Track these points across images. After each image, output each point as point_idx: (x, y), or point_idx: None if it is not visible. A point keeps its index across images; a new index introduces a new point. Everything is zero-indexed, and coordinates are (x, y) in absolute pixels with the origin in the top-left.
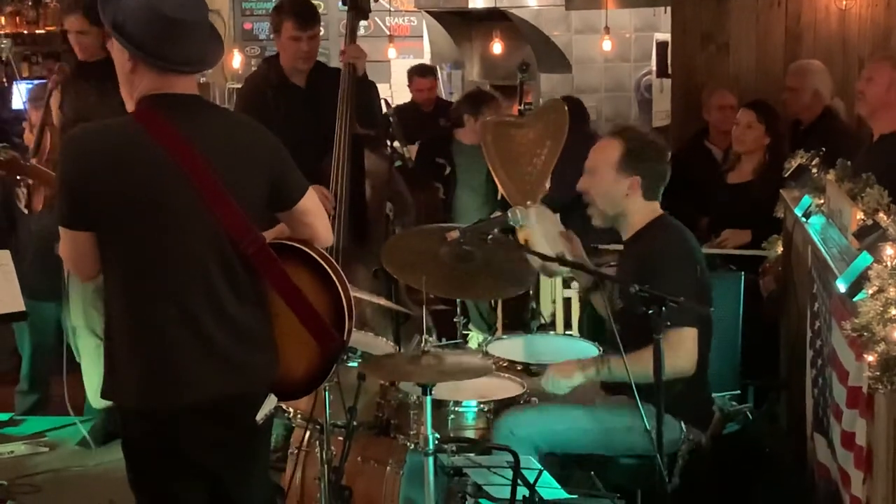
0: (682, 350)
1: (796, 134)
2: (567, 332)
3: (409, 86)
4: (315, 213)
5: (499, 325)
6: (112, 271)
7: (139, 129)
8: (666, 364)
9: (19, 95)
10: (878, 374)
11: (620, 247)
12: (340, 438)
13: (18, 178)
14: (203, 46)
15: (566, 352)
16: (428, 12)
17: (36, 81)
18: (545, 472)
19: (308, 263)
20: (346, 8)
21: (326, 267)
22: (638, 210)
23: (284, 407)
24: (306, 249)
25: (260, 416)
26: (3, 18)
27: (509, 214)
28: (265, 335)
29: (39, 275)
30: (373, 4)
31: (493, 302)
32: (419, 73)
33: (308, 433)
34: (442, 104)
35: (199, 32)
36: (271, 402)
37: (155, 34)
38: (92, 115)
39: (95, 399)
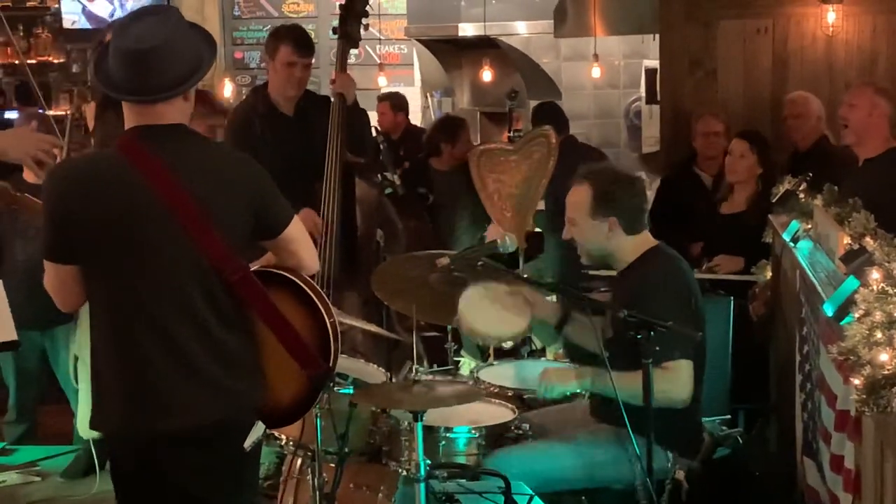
0: (677, 381)
1: (794, 160)
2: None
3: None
4: (300, 241)
5: (490, 350)
6: (96, 301)
7: (121, 161)
8: (661, 394)
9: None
10: (864, 397)
11: (611, 272)
12: (332, 465)
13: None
14: (173, 70)
15: None
16: (418, 40)
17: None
18: (536, 498)
19: (293, 291)
20: (336, 36)
21: (311, 294)
22: (625, 246)
23: (276, 434)
24: (291, 277)
25: (248, 444)
26: None
27: (499, 240)
28: (251, 361)
29: (25, 303)
30: (363, 33)
31: None
32: (378, 100)
33: (300, 460)
34: (411, 132)
35: (164, 58)
36: (258, 429)
37: (122, 71)
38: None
39: (83, 429)
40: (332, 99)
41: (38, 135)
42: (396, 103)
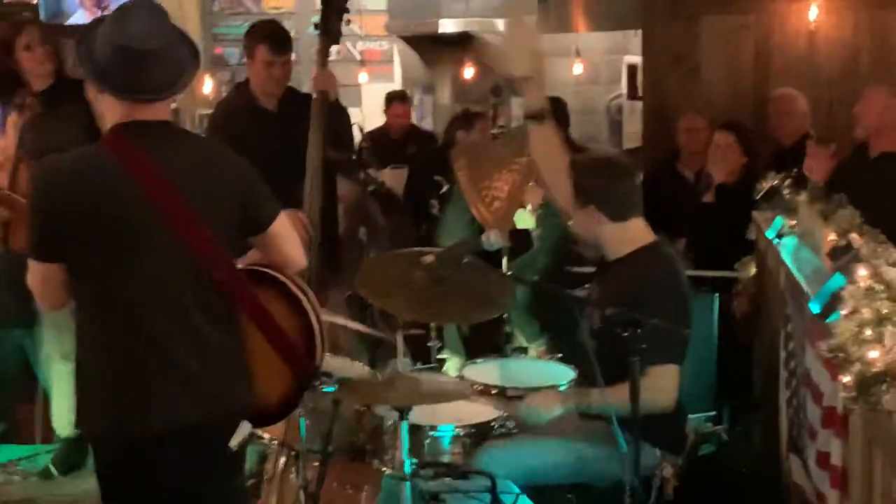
0: (663, 387)
1: (777, 156)
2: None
3: (385, 111)
4: (287, 237)
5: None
6: (83, 300)
7: (108, 158)
8: (647, 400)
9: None
10: (854, 394)
11: (593, 269)
12: (316, 464)
13: None
14: (169, 72)
15: (541, 375)
16: (399, 37)
17: None
18: (522, 496)
19: (280, 289)
20: (317, 32)
21: (298, 292)
22: (614, 235)
23: (259, 433)
24: (277, 275)
25: (233, 443)
26: None
27: (483, 239)
28: (238, 361)
29: (5, 300)
30: (344, 29)
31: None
32: (399, 99)
33: (283, 459)
34: (414, 132)
35: (163, 60)
36: (245, 428)
37: (116, 65)
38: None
39: (62, 427)
40: (314, 96)
41: None
42: (408, 100)
